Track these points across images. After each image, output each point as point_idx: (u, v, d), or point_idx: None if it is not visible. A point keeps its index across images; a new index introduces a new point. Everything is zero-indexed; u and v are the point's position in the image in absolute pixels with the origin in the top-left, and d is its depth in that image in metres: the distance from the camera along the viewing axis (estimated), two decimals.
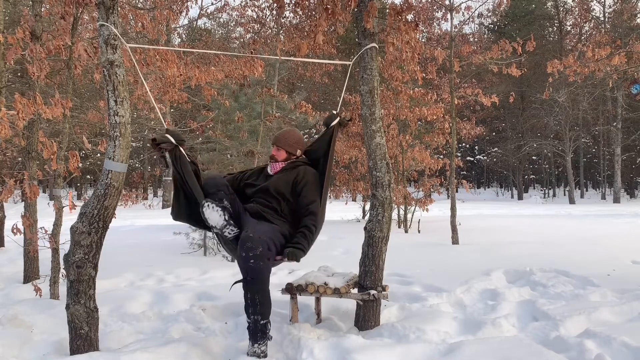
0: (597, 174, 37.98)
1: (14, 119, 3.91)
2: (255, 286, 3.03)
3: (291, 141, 3.62)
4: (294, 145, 3.62)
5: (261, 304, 3.05)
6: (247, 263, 2.98)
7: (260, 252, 2.98)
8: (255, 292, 3.04)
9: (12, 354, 3.19)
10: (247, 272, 3.02)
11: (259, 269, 2.99)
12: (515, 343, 3.05)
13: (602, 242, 8.08)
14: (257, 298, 3.04)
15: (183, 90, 7.08)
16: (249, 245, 2.97)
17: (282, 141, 3.61)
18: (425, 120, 11.10)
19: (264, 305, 3.07)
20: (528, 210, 19.00)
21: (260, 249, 2.99)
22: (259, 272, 3.00)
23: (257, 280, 3.02)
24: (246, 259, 2.97)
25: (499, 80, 27.63)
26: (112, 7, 3.07)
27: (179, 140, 3.30)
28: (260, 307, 3.05)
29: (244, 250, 2.97)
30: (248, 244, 2.98)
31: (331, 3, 3.79)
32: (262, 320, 3.06)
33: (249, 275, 3.01)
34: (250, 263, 2.97)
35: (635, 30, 20.88)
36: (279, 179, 3.48)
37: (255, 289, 3.04)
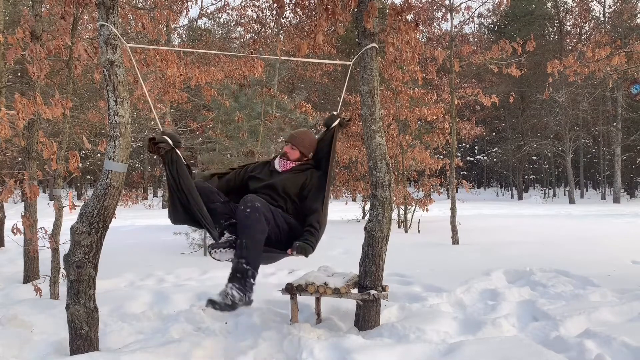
0: (597, 174, 37.97)
1: (14, 119, 3.91)
2: (244, 232, 2.99)
3: (307, 143, 3.60)
4: (309, 147, 3.61)
5: (247, 247, 2.97)
6: (242, 212, 3.00)
7: (257, 206, 3.01)
8: (244, 236, 2.99)
9: (12, 354, 3.19)
10: (240, 221, 3.02)
11: (251, 217, 2.98)
12: (515, 343, 3.05)
13: (602, 242, 8.08)
14: (245, 241, 2.98)
15: (183, 90, 7.08)
16: (248, 199, 3.04)
17: (298, 141, 3.57)
18: (425, 120, 11.10)
19: (250, 251, 2.97)
20: (528, 210, 19.00)
21: (258, 204, 3.03)
22: (251, 221, 2.98)
23: (248, 229, 2.98)
24: (242, 210, 3.00)
25: (499, 80, 27.61)
26: (112, 7, 3.07)
27: (176, 142, 3.24)
28: (246, 251, 2.97)
29: (243, 203, 3.02)
30: (248, 198, 3.05)
31: (331, 3, 3.79)
32: (244, 263, 2.95)
33: (242, 223, 3.00)
34: (246, 212, 2.98)
35: (635, 30, 20.89)
36: (287, 179, 3.46)
37: (245, 234, 2.99)
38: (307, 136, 3.65)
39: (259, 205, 3.03)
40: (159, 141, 3.21)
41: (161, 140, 3.22)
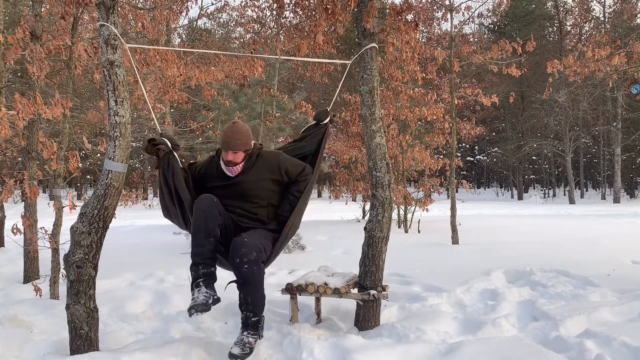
0: (597, 174, 37.98)
1: (14, 119, 3.91)
2: (248, 288, 3.03)
3: (245, 139, 3.23)
4: (248, 141, 3.25)
5: (253, 303, 3.05)
6: (241, 268, 2.95)
7: (254, 257, 2.96)
8: (247, 293, 3.04)
9: (12, 354, 3.19)
10: (240, 277, 3.00)
11: (252, 273, 2.97)
12: (515, 343, 3.05)
13: (602, 242, 8.08)
14: (250, 299, 3.05)
15: (183, 90, 7.07)
16: (243, 251, 2.94)
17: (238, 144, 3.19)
18: (425, 120, 11.11)
19: (257, 305, 3.07)
20: (528, 210, 19.00)
21: (255, 254, 2.96)
22: (252, 276, 2.98)
23: (251, 284, 3.01)
24: (240, 265, 2.94)
25: (499, 80, 27.62)
26: (112, 7, 3.07)
27: (174, 145, 3.22)
28: (253, 307, 3.06)
29: (238, 256, 2.94)
30: (243, 249, 2.95)
31: (331, 3, 3.79)
32: (253, 317, 3.06)
33: (242, 278, 2.99)
34: (244, 268, 2.94)
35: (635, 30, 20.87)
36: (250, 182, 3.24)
37: (248, 291, 3.04)
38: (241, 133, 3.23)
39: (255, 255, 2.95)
40: (158, 143, 3.21)
41: (160, 142, 3.22)
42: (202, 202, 3.06)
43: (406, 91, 10.51)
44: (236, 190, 3.25)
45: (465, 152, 41.10)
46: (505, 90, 24.48)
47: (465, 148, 40.91)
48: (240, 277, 3.00)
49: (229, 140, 3.19)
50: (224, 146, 3.21)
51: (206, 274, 3.01)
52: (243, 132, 3.23)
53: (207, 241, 3.01)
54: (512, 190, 38.22)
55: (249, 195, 3.24)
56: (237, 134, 3.20)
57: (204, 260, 3.02)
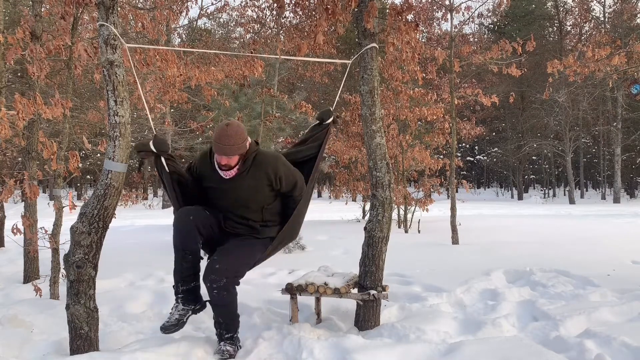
0: (597, 174, 37.98)
1: (14, 119, 3.91)
2: (219, 310, 3.13)
3: (239, 142, 2.99)
4: (242, 145, 3.02)
5: (226, 323, 3.14)
6: (210, 293, 3.03)
7: (223, 284, 2.99)
8: (219, 314, 3.14)
9: (12, 354, 3.19)
10: (211, 300, 3.08)
11: (221, 299, 3.04)
12: (515, 343, 3.05)
13: (602, 242, 8.08)
14: (221, 319, 3.14)
15: (183, 90, 7.07)
16: (212, 278, 2.98)
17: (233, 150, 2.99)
18: (425, 120, 11.11)
19: (229, 325, 3.15)
20: (528, 210, 19.01)
21: (225, 280, 2.98)
22: (221, 301, 3.06)
23: (220, 307, 3.10)
24: (210, 289, 3.01)
25: (499, 80, 27.63)
26: (112, 7, 3.07)
27: (161, 151, 3.12)
28: (226, 325, 3.14)
29: (209, 280, 2.99)
30: (212, 276, 2.98)
31: (331, 3, 3.79)
32: (226, 334, 3.14)
33: (212, 302, 3.08)
34: (214, 292, 3.01)
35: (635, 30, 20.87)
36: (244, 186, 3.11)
37: (219, 312, 3.13)
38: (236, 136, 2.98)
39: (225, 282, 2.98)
40: (140, 149, 3.19)
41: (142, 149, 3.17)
42: (179, 220, 3.09)
43: (406, 91, 10.51)
44: (230, 193, 3.15)
45: (465, 152, 41.10)
46: (505, 90, 24.48)
47: (465, 148, 40.91)
48: (211, 301, 3.09)
49: (221, 145, 2.96)
50: (217, 150, 3.00)
51: (185, 290, 3.11)
52: (237, 135, 2.97)
53: (185, 260, 3.09)
54: (512, 190, 38.22)
55: (243, 198, 3.14)
56: (230, 138, 2.95)
57: (182, 279, 3.11)
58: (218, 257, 3.06)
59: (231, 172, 3.09)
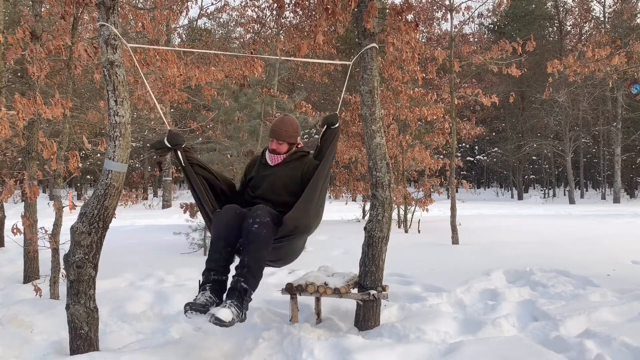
0: (597, 174, 37.97)
1: (14, 119, 3.91)
2: (250, 248, 2.95)
3: (290, 132, 3.41)
4: (294, 135, 3.43)
5: (249, 267, 2.92)
6: (250, 227, 2.95)
7: (266, 221, 2.97)
8: (247, 254, 2.95)
9: (12, 354, 3.19)
10: (247, 236, 2.96)
11: (260, 234, 2.94)
12: (515, 343, 3.05)
13: (602, 242, 8.08)
14: (247, 260, 2.93)
15: (183, 90, 7.07)
16: (258, 213, 2.99)
17: (282, 135, 3.38)
18: (425, 120, 11.11)
19: (251, 271, 2.92)
20: (528, 210, 19.00)
21: (268, 218, 2.99)
22: (259, 236, 2.94)
23: (254, 244, 2.95)
24: (251, 224, 2.95)
25: (499, 80, 27.62)
26: (112, 7, 3.07)
27: (176, 145, 3.17)
28: (247, 271, 2.91)
29: (252, 217, 2.97)
30: (259, 211, 3.00)
31: (331, 3, 3.79)
32: (243, 282, 2.90)
33: (248, 239, 2.95)
34: (254, 227, 2.94)
35: (635, 30, 20.88)
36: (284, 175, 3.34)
37: (249, 251, 2.95)
38: (288, 125, 3.44)
39: (268, 220, 2.97)
40: (156, 147, 3.21)
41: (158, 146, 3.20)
42: (226, 213, 3.10)
43: (406, 91, 10.51)
44: (268, 178, 3.36)
45: (465, 152, 41.08)
46: (505, 90, 24.47)
47: (465, 148, 40.89)
48: (247, 237, 2.96)
49: (276, 129, 3.39)
50: (271, 134, 3.40)
51: (216, 280, 2.99)
52: (291, 125, 3.42)
53: (225, 251, 3.03)
54: (512, 190, 38.21)
55: (277, 185, 3.32)
56: (285, 125, 3.40)
57: (217, 268, 3.01)
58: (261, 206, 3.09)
59: (278, 157, 3.39)
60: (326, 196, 3.45)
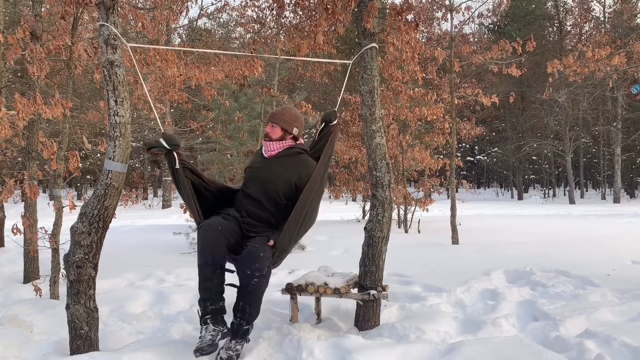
0: (597, 174, 37.96)
1: (14, 119, 3.91)
2: (250, 299, 3.03)
3: (287, 117, 3.33)
4: (290, 122, 3.33)
5: (250, 314, 3.05)
6: (250, 280, 2.96)
7: (265, 272, 2.98)
8: (247, 303, 3.04)
9: (12, 354, 3.19)
10: (247, 286, 2.99)
11: (260, 286, 2.99)
12: (515, 343, 3.05)
13: (602, 242, 8.08)
14: (248, 309, 3.04)
15: (183, 90, 7.08)
16: (257, 266, 2.93)
17: (277, 117, 3.32)
18: (425, 120, 11.11)
19: (252, 316, 3.08)
20: (528, 210, 19.00)
21: (266, 269, 2.98)
22: (259, 288, 3.01)
23: (254, 294, 3.02)
24: (250, 276, 2.95)
25: (499, 80, 27.64)
26: (112, 7, 3.07)
27: (173, 145, 3.16)
28: (249, 316, 3.06)
29: (251, 269, 2.93)
30: (257, 264, 2.93)
31: (331, 3, 3.79)
32: (245, 325, 3.07)
33: (248, 289, 3.00)
34: (253, 281, 2.95)
35: (635, 30, 20.88)
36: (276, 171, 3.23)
37: (249, 301, 3.04)
38: (286, 110, 3.40)
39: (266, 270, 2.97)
40: (152, 146, 3.19)
41: (154, 145, 3.19)
42: (206, 232, 3.02)
43: (406, 91, 10.51)
44: (263, 174, 3.25)
45: (465, 152, 41.10)
46: (505, 90, 24.49)
47: (465, 148, 40.91)
48: (246, 288, 3.00)
49: (272, 113, 3.41)
50: (268, 118, 3.41)
51: (215, 310, 2.99)
52: (288, 112, 3.39)
53: (214, 275, 3.00)
54: (512, 190, 38.21)
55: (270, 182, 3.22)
56: (282, 110, 3.41)
57: (212, 296, 3.00)
58: (259, 246, 3.01)
59: (272, 147, 3.31)
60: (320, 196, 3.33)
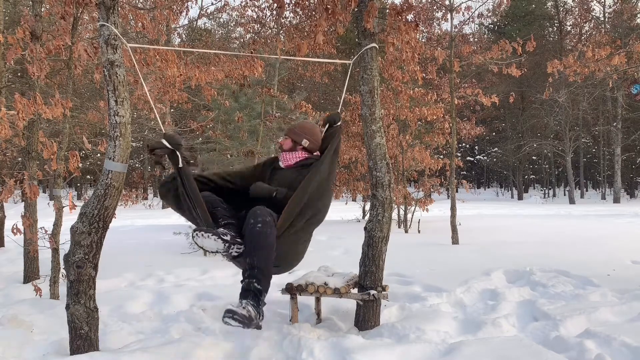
0: (597, 174, 37.96)
1: (14, 119, 3.91)
2: (256, 251, 2.83)
3: (297, 130, 3.42)
4: (300, 134, 3.40)
5: (258, 268, 2.80)
6: (253, 228, 2.82)
7: (268, 220, 2.86)
8: (255, 257, 2.82)
9: (12, 354, 3.19)
10: (251, 238, 2.84)
11: (264, 234, 2.82)
12: (515, 343, 3.05)
13: (602, 242, 8.08)
14: (256, 262, 2.81)
15: (183, 90, 7.07)
16: (258, 212, 2.86)
17: (288, 130, 3.48)
18: (425, 120, 11.11)
19: (261, 272, 2.81)
20: (528, 210, 19.00)
21: (269, 217, 2.87)
22: (263, 236, 2.82)
23: (260, 245, 2.83)
24: (254, 225, 2.82)
25: (499, 80, 27.63)
26: (112, 7, 3.07)
27: (175, 145, 3.10)
28: (258, 272, 2.80)
29: (253, 217, 2.84)
30: (258, 211, 2.88)
31: (331, 3, 3.79)
32: (256, 283, 2.78)
33: (253, 241, 2.83)
34: (257, 227, 2.81)
35: (635, 30, 20.87)
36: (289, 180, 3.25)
37: (256, 254, 2.83)
38: (300, 124, 3.53)
39: (270, 219, 2.88)
40: (154, 147, 3.17)
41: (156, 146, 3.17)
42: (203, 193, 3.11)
43: (406, 91, 10.51)
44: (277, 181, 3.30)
45: (465, 152, 41.10)
46: (505, 90, 24.48)
47: (465, 148, 40.91)
48: (251, 238, 2.84)
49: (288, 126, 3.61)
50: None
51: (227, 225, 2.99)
52: (301, 126, 3.50)
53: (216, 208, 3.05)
54: (512, 190, 38.21)
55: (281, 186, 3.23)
56: (298, 125, 3.53)
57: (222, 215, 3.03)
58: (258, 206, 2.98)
59: (288, 156, 3.41)
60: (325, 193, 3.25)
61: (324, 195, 3.24)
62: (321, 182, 3.20)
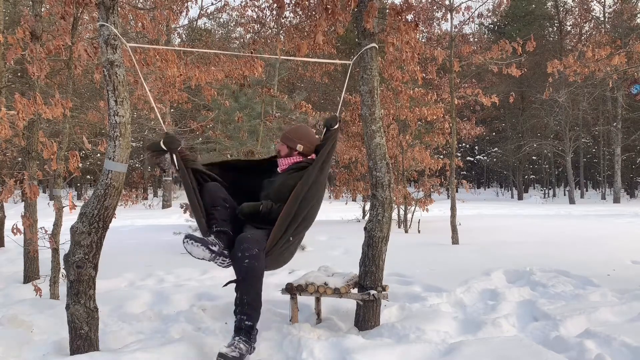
0: (597, 174, 37.96)
1: (14, 119, 3.91)
2: (245, 286, 2.96)
3: (291, 135, 3.51)
4: (294, 139, 3.49)
5: (248, 304, 2.95)
6: (241, 263, 2.93)
7: (255, 253, 2.94)
8: (244, 292, 2.96)
9: (12, 354, 3.19)
10: (239, 272, 2.96)
11: (252, 268, 2.93)
12: (515, 343, 3.05)
13: (602, 242, 8.08)
14: (245, 298, 2.95)
15: (183, 90, 7.07)
16: (245, 246, 2.94)
17: (283, 136, 3.55)
18: (425, 120, 11.11)
19: (252, 307, 2.96)
20: (528, 210, 19.00)
21: (256, 250, 2.95)
22: (252, 271, 2.94)
23: (248, 280, 2.96)
24: (241, 259, 2.92)
25: (499, 80, 27.63)
26: (112, 7, 3.06)
27: (171, 148, 3.15)
28: (248, 308, 2.95)
29: (240, 250, 2.93)
30: (245, 244, 2.94)
31: (331, 3, 3.80)
32: (247, 320, 2.95)
33: (242, 275, 2.95)
34: (244, 263, 2.92)
35: (635, 30, 20.88)
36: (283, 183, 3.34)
37: (245, 289, 2.96)
38: (293, 129, 3.59)
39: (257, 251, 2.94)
40: (153, 149, 3.19)
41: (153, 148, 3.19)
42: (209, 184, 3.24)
43: (406, 91, 10.52)
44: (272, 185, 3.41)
45: (465, 152, 41.11)
46: (505, 90, 24.48)
47: (465, 148, 40.91)
48: (239, 272, 2.96)
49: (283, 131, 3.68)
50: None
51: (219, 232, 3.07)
52: (294, 130, 3.58)
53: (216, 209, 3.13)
54: (512, 190, 38.21)
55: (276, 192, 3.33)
56: (290, 129, 3.62)
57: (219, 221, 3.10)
58: (248, 231, 3.12)
59: (283, 161, 3.50)
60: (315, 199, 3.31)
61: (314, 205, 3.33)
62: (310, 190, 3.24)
